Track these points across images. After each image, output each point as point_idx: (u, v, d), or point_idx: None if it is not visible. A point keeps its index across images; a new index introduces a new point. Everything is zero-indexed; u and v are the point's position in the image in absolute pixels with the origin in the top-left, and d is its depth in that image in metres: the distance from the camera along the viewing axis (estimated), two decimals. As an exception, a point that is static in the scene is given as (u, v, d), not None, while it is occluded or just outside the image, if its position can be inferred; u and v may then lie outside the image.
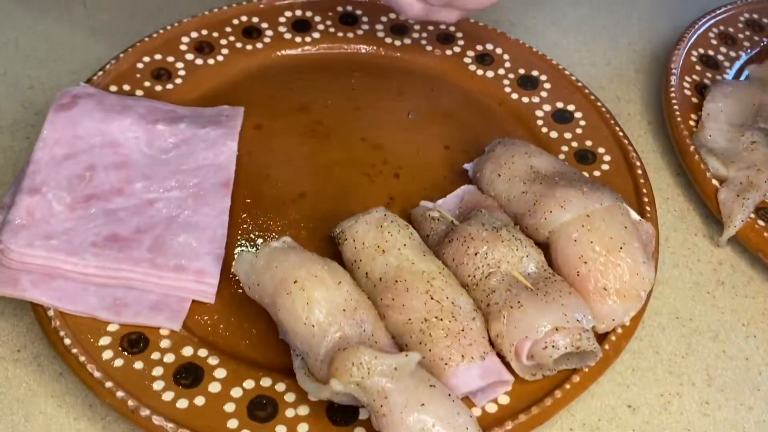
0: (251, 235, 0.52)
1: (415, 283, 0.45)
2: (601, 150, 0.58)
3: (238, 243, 0.52)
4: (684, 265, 0.55)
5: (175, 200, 0.51)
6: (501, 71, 0.63)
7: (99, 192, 0.51)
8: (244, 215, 0.53)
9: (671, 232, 0.57)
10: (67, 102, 0.53)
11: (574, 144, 0.58)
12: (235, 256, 0.50)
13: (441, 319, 0.43)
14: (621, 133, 0.58)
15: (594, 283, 0.45)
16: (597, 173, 0.56)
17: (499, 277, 0.45)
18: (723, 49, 0.67)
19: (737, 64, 0.67)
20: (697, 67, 0.65)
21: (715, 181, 0.55)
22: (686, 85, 0.63)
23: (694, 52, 0.66)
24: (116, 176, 0.52)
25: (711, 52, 0.66)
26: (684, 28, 0.68)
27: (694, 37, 0.67)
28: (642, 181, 0.55)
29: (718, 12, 0.69)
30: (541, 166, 0.51)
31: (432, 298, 0.44)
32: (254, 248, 0.52)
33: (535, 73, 0.63)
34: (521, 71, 0.63)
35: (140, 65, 0.60)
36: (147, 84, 0.59)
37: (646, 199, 0.54)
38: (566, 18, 0.74)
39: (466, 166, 0.55)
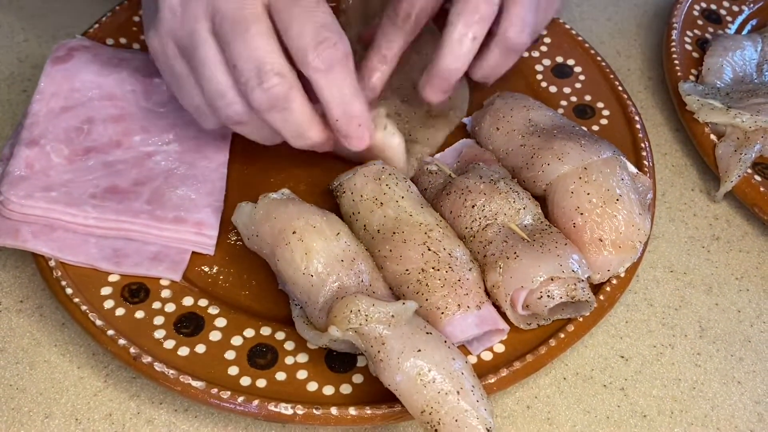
0: (250, 188, 0.53)
1: (413, 234, 0.45)
2: (600, 105, 0.58)
3: (237, 195, 0.52)
4: (680, 220, 0.55)
5: (173, 153, 0.51)
6: (501, 25, 0.63)
7: (97, 144, 0.51)
8: (243, 168, 0.53)
9: (668, 187, 0.57)
10: (63, 55, 0.53)
11: (573, 98, 0.58)
12: (235, 208, 0.51)
13: (438, 270, 0.44)
14: (620, 88, 0.58)
15: (590, 234, 0.46)
16: (596, 128, 0.56)
17: (495, 228, 0.45)
18: (726, 3, 0.66)
19: (740, 19, 0.66)
20: (699, 22, 0.64)
21: (713, 137, 0.55)
22: (687, 39, 0.62)
23: (697, 7, 0.65)
24: (114, 129, 0.52)
25: (713, 6, 0.66)
26: (687, -17, 0.67)
27: (697, -10, 0.66)
28: (640, 135, 0.55)
29: (721, -34, 0.68)
30: (539, 120, 0.51)
31: (429, 249, 0.44)
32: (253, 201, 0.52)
33: (535, 27, 0.63)
34: (521, 25, 0.63)
35: (136, 18, 0.59)
36: (143, 37, 0.58)
37: (644, 154, 0.54)
38: (568, -28, 0.73)
39: (465, 120, 0.55)
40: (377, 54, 0.51)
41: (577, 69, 0.60)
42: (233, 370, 0.43)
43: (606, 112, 0.57)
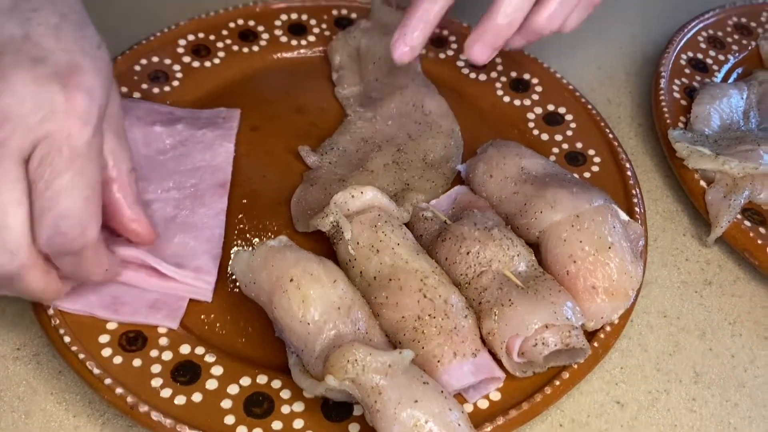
0: (248, 235, 0.53)
1: (409, 281, 0.46)
2: (591, 152, 0.59)
3: (235, 243, 0.53)
4: (672, 265, 0.56)
5: (172, 201, 0.52)
6: (493, 74, 0.65)
7: None
8: (240, 215, 0.54)
9: (660, 233, 0.58)
10: None
11: (565, 146, 0.59)
12: (232, 255, 0.51)
13: (434, 317, 0.44)
14: (611, 135, 0.60)
15: (583, 282, 0.46)
16: (587, 174, 0.57)
17: (490, 275, 0.46)
18: (712, 53, 0.68)
19: (726, 67, 0.68)
20: (686, 70, 0.66)
21: (702, 183, 0.57)
22: (675, 88, 0.64)
23: (684, 56, 0.67)
24: None
25: (700, 56, 0.68)
26: (674, 32, 0.69)
27: (684, 40, 0.68)
28: (631, 182, 0.56)
29: (707, 16, 0.71)
30: (531, 167, 0.52)
31: (425, 297, 0.45)
32: (251, 248, 0.52)
33: (526, 76, 0.64)
34: (513, 74, 0.64)
35: (137, 68, 0.61)
36: (144, 86, 0.60)
37: (635, 200, 0.55)
38: (558, 22, 0.75)
39: (459, 167, 0.56)
40: (418, 10, 0.52)
41: (569, 117, 0.61)
42: (230, 420, 0.43)
43: (597, 159, 0.58)
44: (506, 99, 0.63)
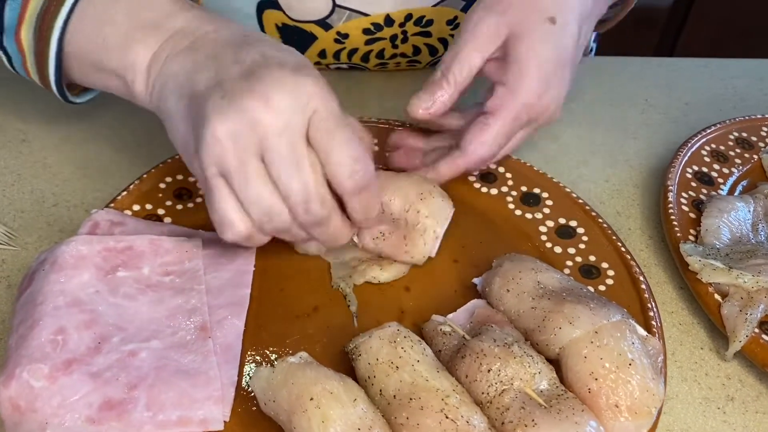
0: (266, 351, 0.53)
1: (430, 401, 0.45)
2: (604, 265, 0.60)
3: (253, 358, 0.53)
4: (692, 380, 0.55)
5: (157, 350, 0.49)
6: (504, 189, 0.66)
7: (77, 355, 0.48)
8: (258, 330, 0.54)
9: (677, 346, 0.58)
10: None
11: (578, 259, 0.60)
12: (246, 372, 0.51)
13: (456, 438, 0.44)
14: (623, 249, 0.61)
15: (605, 400, 0.46)
16: (602, 288, 0.58)
17: (512, 394, 0.46)
18: (716, 166, 0.70)
19: (730, 180, 0.70)
20: (693, 184, 0.68)
21: (717, 296, 0.57)
22: (683, 201, 0.66)
23: (689, 169, 0.69)
24: (89, 335, 0.49)
25: (705, 169, 0.70)
26: (677, 146, 0.72)
27: (688, 154, 0.70)
28: (646, 295, 0.57)
29: (709, 131, 0.73)
30: (548, 282, 0.53)
31: (447, 417, 0.44)
32: (269, 363, 0.52)
33: (536, 190, 0.66)
34: (523, 189, 0.66)
35: (162, 185, 0.63)
36: (168, 203, 0.62)
37: (651, 314, 0.55)
38: (564, 135, 0.78)
39: (475, 280, 0.57)
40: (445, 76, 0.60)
41: (580, 230, 0.63)
42: None
43: (611, 272, 0.59)
44: (518, 212, 0.65)
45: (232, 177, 0.47)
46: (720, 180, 0.69)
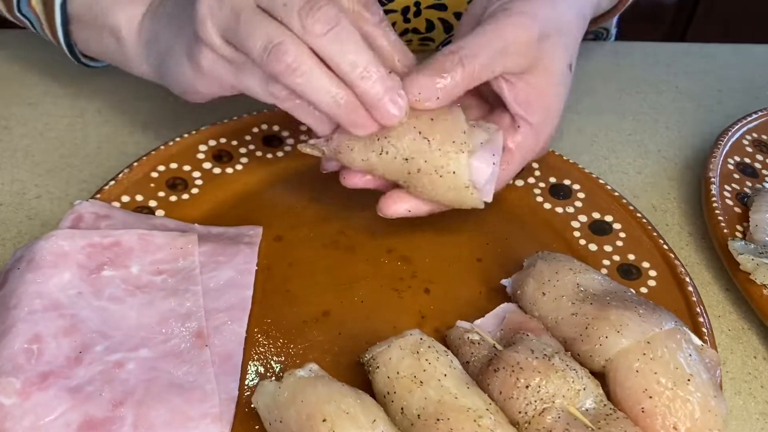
0: (270, 361, 0.47)
1: (460, 422, 0.39)
2: (645, 264, 0.54)
3: (256, 369, 0.47)
4: (747, 393, 0.50)
5: (147, 360, 0.44)
6: (531, 180, 0.61)
7: (54, 368, 0.42)
8: (261, 337, 0.49)
9: (728, 354, 0.52)
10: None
11: (616, 258, 0.55)
12: (248, 384, 0.45)
13: (492, 466, 0.38)
14: (666, 247, 0.55)
15: (662, 421, 0.40)
16: (644, 290, 0.52)
17: (554, 413, 0.40)
18: (759, 156, 0.65)
19: (776, 172, 0.64)
20: (735, 176, 0.62)
21: (772, 299, 0.51)
22: (727, 194, 0.60)
23: (731, 160, 0.63)
24: (69, 344, 0.43)
25: (747, 160, 0.64)
26: (713, 135, 0.66)
27: (729, 144, 0.65)
28: (694, 299, 0.51)
29: (750, 119, 0.68)
30: (588, 285, 0.47)
31: (482, 441, 0.39)
32: (273, 376, 0.46)
33: (567, 182, 0.60)
34: (552, 180, 0.61)
35: (154, 174, 0.57)
36: (161, 194, 0.56)
37: (701, 320, 0.50)
38: (591, 125, 0.72)
39: (504, 282, 0.51)
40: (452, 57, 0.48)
41: (617, 226, 0.57)
42: None
43: (653, 273, 0.53)
44: (547, 206, 0.59)
45: (234, 33, 0.45)
46: (765, 171, 0.64)
